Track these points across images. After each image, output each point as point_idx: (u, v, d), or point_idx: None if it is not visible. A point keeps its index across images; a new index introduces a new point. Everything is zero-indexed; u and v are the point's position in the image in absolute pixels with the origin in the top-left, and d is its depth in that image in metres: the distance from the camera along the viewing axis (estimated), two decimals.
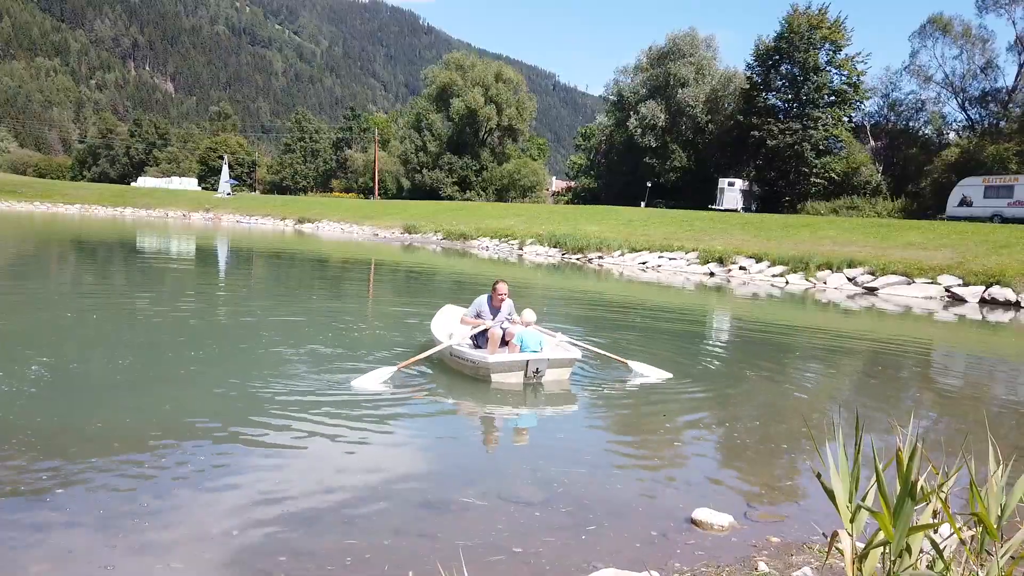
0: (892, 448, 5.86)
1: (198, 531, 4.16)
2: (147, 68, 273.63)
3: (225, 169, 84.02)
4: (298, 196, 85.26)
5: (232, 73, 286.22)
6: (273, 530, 4.23)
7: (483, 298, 8.87)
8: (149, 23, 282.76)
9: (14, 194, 72.18)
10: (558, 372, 8.19)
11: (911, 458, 2.19)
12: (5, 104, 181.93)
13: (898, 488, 2.22)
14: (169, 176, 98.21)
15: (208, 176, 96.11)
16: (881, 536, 2.28)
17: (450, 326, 9.40)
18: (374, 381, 7.58)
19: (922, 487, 2.34)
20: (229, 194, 78.25)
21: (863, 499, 2.37)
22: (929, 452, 3.20)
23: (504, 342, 8.47)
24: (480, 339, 8.60)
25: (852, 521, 2.35)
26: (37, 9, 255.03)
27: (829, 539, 2.46)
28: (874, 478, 2.44)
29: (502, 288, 8.78)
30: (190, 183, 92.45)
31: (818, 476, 2.56)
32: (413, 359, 8.31)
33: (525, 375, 7.97)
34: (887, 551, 2.31)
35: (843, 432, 3.66)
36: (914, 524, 2.27)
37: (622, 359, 8.99)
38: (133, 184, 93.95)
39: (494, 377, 7.92)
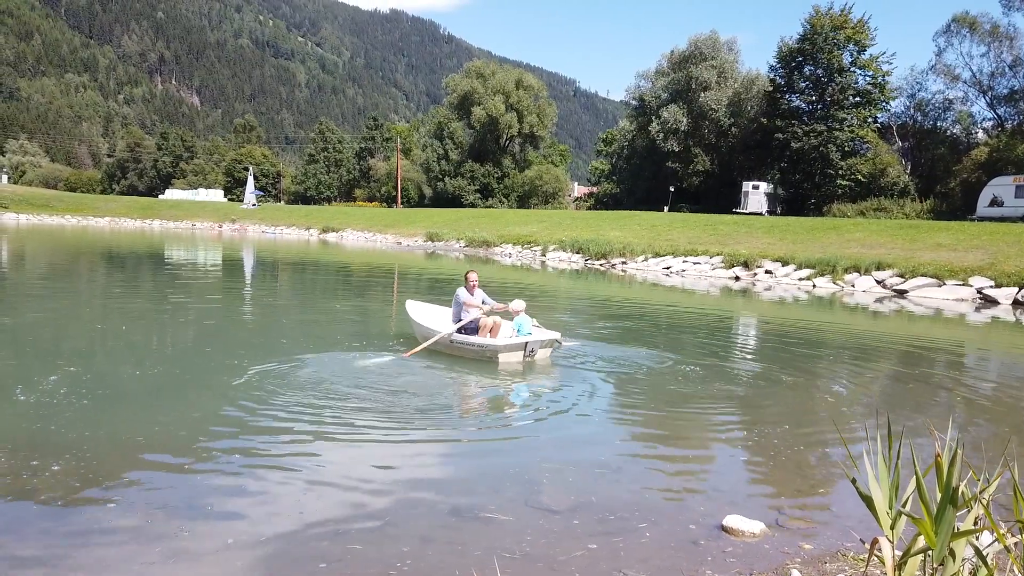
0: (927, 453, 5.76)
1: (231, 540, 4.19)
2: (173, 82, 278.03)
3: (250, 180, 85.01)
4: (322, 206, 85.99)
5: (256, 85, 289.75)
6: (304, 538, 4.25)
7: (462, 289, 10.15)
8: (175, 38, 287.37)
9: (46, 208, 73.64)
10: (544, 351, 9.66)
11: (952, 463, 2.14)
12: (36, 120, 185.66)
13: (938, 494, 2.17)
14: (196, 188, 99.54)
15: (234, 187, 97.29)
16: (921, 543, 2.22)
17: (427, 317, 10.67)
18: (380, 361, 8.66)
19: (962, 493, 2.28)
20: (255, 205, 79.14)
21: (903, 506, 2.32)
22: (967, 457, 3.14)
23: (487, 331, 9.77)
24: (467, 328, 9.80)
25: (892, 528, 2.29)
26: (66, 26, 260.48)
27: (869, 546, 2.40)
28: (910, 484, 2.38)
29: (473, 277, 10.21)
30: (216, 195, 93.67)
31: (853, 482, 2.51)
32: (417, 348, 9.42)
33: (524, 355, 9.37)
34: (927, 558, 2.26)
35: (877, 437, 3.58)
36: (956, 531, 2.22)
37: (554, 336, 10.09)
38: (161, 196, 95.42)
39: (501, 358, 9.25)
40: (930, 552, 2.25)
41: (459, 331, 9.71)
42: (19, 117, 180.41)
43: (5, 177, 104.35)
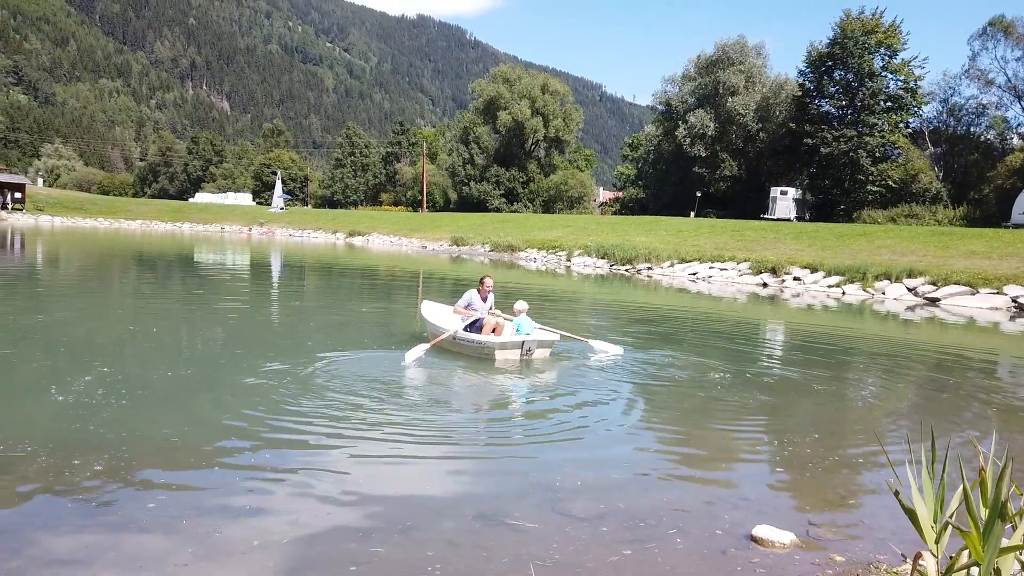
0: (966, 465, 5.63)
1: (256, 541, 4.22)
2: (204, 87, 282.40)
3: (278, 184, 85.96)
4: (349, 210, 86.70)
5: (285, 91, 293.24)
6: (331, 540, 4.27)
7: (472, 291, 10.63)
8: (206, 44, 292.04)
9: (80, 211, 75.06)
10: (542, 351, 10.01)
11: (1000, 477, 2.08)
12: (71, 124, 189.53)
13: (982, 508, 2.11)
14: (225, 192, 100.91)
15: (262, 191, 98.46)
16: (965, 558, 2.17)
17: (440, 316, 11.09)
18: (416, 355, 9.15)
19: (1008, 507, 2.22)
20: (282, 208, 80.00)
21: (948, 519, 2.26)
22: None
23: (491, 330, 10.20)
24: (472, 327, 10.26)
25: (937, 542, 2.24)
26: (101, 33, 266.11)
27: (912, 561, 2.35)
28: (954, 497, 2.33)
29: (488, 282, 10.68)
30: (245, 198, 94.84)
31: (896, 494, 2.45)
32: (435, 342, 9.78)
33: (521, 353, 9.71)
34: (970, 573, 2.20)
35: (914, 447, 3.51)
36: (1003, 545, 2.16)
37: (583, 338, 10.82)
38: (191, 200, 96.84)
39: (498, 355, 9.61)
40: (975, 567, 2.19)
41: (465, 329, 10.18)
42: (54, 122, 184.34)
43: (40, 180, 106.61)
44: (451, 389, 8.44)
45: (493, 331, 10.14)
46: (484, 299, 10.61)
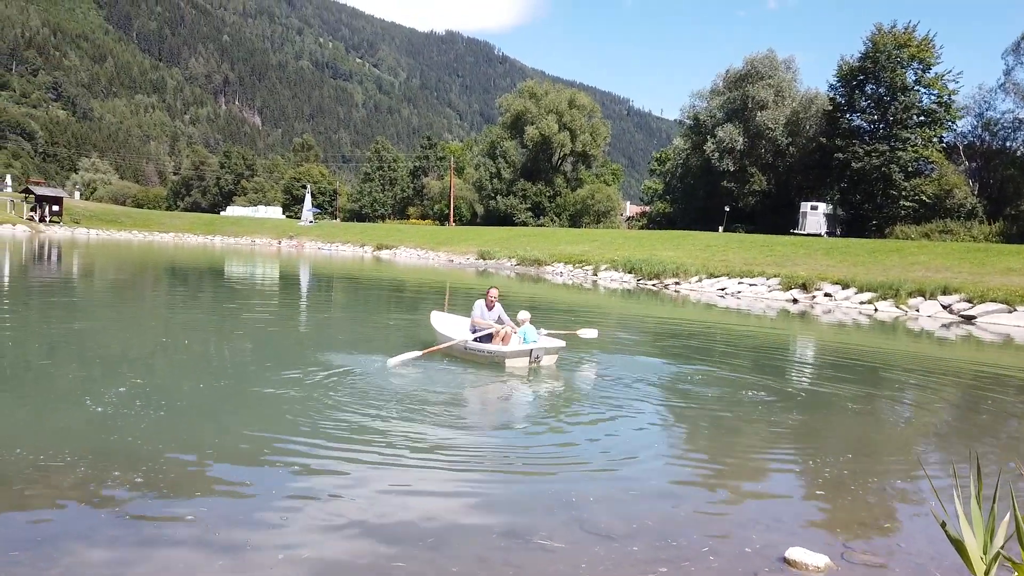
0: (1009, 491, 5.49)
1: (287, 554, 4.24)
2: (236, 103, 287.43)
3: (308, 198, 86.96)
4: (376, 223, 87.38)
5: (315, 106, 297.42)
6: (359, 554, 4.28)
7: (480, 302, 11.13)
8: (239, 60, 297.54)
9: (115, 223, 76.50)
10: (549, 358, 10.47)
11: None
12: (107, 139, 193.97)
13: None
14: (256, 205, 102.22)
15: (292, 205, 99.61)
16: None
17: (448, 326, 11.71)
18: (402, 359, 9.63)
19: None
20: (311, 222, 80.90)
21: (1000, 549, 2.19)
22: None
23: (500, 339, 10.62)
24: (483, 337, 10.68)
25: (987, 574, 2.18)
26: (137, 50, 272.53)
27: None
28: (1001, 526, 2.25)
29: (494, 293, 11.09)
30: (275, 212, 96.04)
31: (943, 525, 2.38)
32: (434, 348, 10.34)
33: (529, 361, 10.19)
34: None
35: (957, 470, 3.43)
36: None
37: (572, 332, 11.69)
38: (222, 213, 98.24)
39: (508, 363, 10.15)
40: None
41: (476, 339, 10.63)
42: (91, 136, 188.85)
43: (78, 194, 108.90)
44: (475, 406, 8.43)
45: (502, 340, 10.59)
46: (491, 308, 11.05)
